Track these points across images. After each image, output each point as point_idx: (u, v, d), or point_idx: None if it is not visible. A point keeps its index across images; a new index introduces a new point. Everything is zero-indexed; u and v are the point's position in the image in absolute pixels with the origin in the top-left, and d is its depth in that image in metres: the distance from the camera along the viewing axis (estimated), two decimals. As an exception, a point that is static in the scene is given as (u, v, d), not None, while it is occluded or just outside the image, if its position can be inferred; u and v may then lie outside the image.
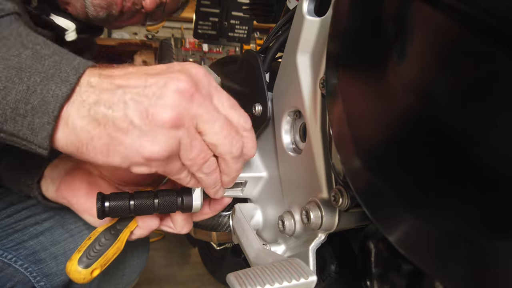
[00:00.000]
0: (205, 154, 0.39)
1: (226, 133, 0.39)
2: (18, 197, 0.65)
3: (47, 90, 0.35)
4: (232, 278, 0.36)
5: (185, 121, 0.36)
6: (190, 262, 1.54)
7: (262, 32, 4.56)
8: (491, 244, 0.23)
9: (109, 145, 0.35)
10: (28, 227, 0.60)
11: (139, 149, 0.35)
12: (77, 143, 0.36)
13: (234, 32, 1.80)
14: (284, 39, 0.52)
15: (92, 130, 0.35)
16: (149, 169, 0.37)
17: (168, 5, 0.78)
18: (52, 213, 0.64)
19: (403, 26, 0.27)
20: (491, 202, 0.23)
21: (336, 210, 0.42)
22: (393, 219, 0.29)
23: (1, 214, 0.62)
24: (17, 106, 0.34)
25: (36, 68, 0.35)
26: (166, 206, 0.47)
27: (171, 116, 0.35)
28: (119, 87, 0.36)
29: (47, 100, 0.34)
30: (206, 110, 0.38)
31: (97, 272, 0.45)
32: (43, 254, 0.59)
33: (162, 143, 0.35)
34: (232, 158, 0.41)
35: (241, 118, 0.42)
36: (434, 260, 0.26)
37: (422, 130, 0.27)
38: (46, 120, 0.35)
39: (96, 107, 0.35)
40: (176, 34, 4.88)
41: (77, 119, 0.35)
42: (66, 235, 0.63)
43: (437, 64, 0.25)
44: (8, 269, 0.55)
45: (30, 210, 0.63)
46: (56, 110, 0.34)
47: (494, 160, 0.23)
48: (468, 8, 0.21)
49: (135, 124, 0.35)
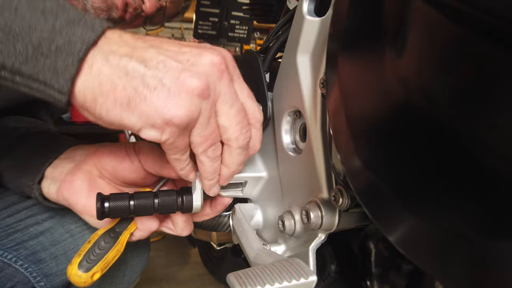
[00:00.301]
0: (216, 134, 0.39)
1: (239, 119, 0.40)
2: (19, 197, 0.64)
3: (73, 32, 0.34)
4: (232, 278, 0.36)
5: (211, 94, 0.37)
6: (190, 262, 1.54)
7: (262, 32, 4.56)
8: (491, 244, 0.23)
9: (131, 98, 0.34)
10: (28, 227, 0.60)
11: (162, 109, 0.34)
12: (98, 91, 0.35)
13: (234, 32, 1.80)
14: (284, 39, 0.52)
15: (118, 80, 0.34)
16: (160, 135, 0.36)
17: (168, 9, 0.79)
18: (53, 213, 0.63)
19: (403, 26, 0.27)
20: (491, 202, 0.23)
21: (336, 210, 0.42)
22: (393, 219, 0.29)
23: (2, 214, 0.61)
24: (40, 44, 0.33)
25: (61, 14, 0.34)
26: (166, 207, 0.47)
27: (201, 84, 0.35)
28: (153, 46, 0.36)
29: (73, 41, 0.33)
30: (229, 91, 0.38)
31: (98, 275, 0.45)
32: (43, 254, 0.58)
33: (187, 108, 0.35)
34: (238, 147, 0.41)
35: (256, 109, 0.43)
36: (434, 260, 0.26)
37: (422, 130, 0.27)
38: (71, 62, 0.33)
39: (127, 58, 0.35)
40: (176, 34, 4.87)
41: (104, 66, 0.34)
42: (67, 235, 0.63)
43: (437, 64, 0.25)
44: (8, 269, 0.55)
45: (30, 210, 0.63)
46: (82, 52, 0.33)
47: (494, 160, 0.23)
48: (468, 8, 0.21)
49: (164, 84, 0.34)
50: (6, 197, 0.64)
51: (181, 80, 0.35)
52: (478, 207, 0.24)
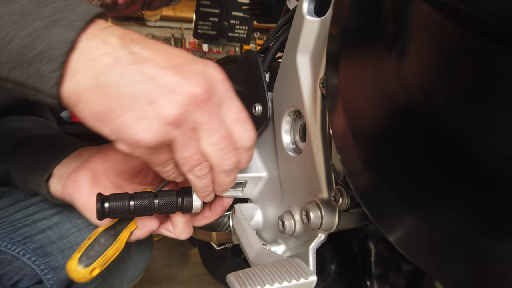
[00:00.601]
0: (199, 157, 0.39)
1: (222, 147, 0.39)
2: (26, 194, 0.66)
3: (52, 34, 0.33)
4: (232, 278, 0.36)
5: (185, 122, 0.36)
6: (190, 262, 1.54)
7: (262, 32, 4.56)
8: (491, 244, 0.23)
9: (105, 113, 0.35)
10: (36, 222, 0.61)
11: (132, 130, 0.34)
12: (78, 99, 0.35)
13: (234, 32, 1.80)
14: (284, 39, 0.52)
15: (94, 94, 0.34)
16: (132, 152, 0.37)
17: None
18: (60, 208, 0.65)
19: (403, 26, 0.27)
20: (491, 202, 0.23)
21: (336, 210, 0.42)
22: (393, 219, 0.29)
23: (10, 209, 0.63)
24: (22, 52, 0.33)
25: (39, 12, 0.33)
26: (166, 207, 0.47)
27: (174, 114, 0.35)
28: (137, 59, 0.35)
29: (52, 46, 0.33)
30: (209, 119, 0.37)
31: (97, 271, 0.45)
32: (50, 248, 0.60)
33: (155, 134, 0.35)
34: (222, 171, 0.41)
35: (245, 134, 0.41)
36: (434, 260, 0.26)
37: (422, 130, 0.27)
38: (53, 67, 0.33)
39: (107, 72, 0.34)
40: (176, 34, 4.88)
41: (83, 76, 0.34)
42: (74, 230, 0.64)
43: (437, 64, 0.25)
44: (16, 262, 0.56)
45: (38, 206, 0.64)
46: (62, 56, 0.33)
47: (494, 160, 0.23)
48: (468, 8, 0.21)
49: (137, 105, 0.34)
50: (13, 194, 0.66)
51: (156, 105, 0.34)
52: (478, 207, 0.24)
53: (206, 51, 4.78)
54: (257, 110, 0.54)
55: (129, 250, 0.72)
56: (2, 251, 0.56)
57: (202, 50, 4.76)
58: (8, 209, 0.63)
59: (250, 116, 0.56)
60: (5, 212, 0.62)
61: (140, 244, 0.75)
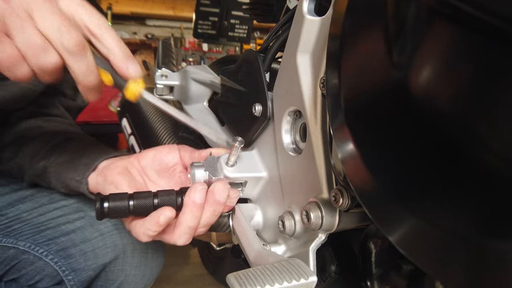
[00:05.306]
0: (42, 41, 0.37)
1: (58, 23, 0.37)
2: (49, 198, 0.68)
3: None
4: (232, 278, 0.36)
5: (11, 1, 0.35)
6: (190, 262, 1.54)
7: (262, 32, 4.56)
8: (491, 244, 0.23)
9: None
10: (60, 225, 0.63)
11: None
12: None
13: (234, 32, 1.80)
14: (284, 39, 0.52)
15: None
16: None
17: None
18: (83, 213, 0.67)
19: (404, 26, 0.27)
20: (491, 202, 0.23)
21: (336, 211, 0.42)
22: (394, 219, 0.29)
23: (33, 212, 0.64)
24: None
25: None
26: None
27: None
28: None
29: None
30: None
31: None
32: (73, 250, 0.61)
33: None
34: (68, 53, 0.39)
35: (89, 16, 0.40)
36: (434, 260, 0.26)
37: (422, 130, 0.27)
38: None
39: None
40: (176, 34, 4.87)
41: None
42: (96, 234, 0.65)
43: (437, 64, 0.25)
44: (39, 262, 0.57)
45: (61, 210, 0.66)
46: None
47: (494, 160, 0.23)
48: (468, 8, 0.21)
49: None
50: (36, 198, 0.68)
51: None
52: (478, 207, 0.24)
53: (206, 51, 4.78)
54: (257, 109, 0.54)
55: (147, 256, 0.74)
56: (25, 251, 0.57)
57: (202, 49, 4.76)
58: (31, 212, 0.64)
59: (250, 116, 0.56)
60: (29, 214, 0.64)
61: (157, 250, 0.78)
